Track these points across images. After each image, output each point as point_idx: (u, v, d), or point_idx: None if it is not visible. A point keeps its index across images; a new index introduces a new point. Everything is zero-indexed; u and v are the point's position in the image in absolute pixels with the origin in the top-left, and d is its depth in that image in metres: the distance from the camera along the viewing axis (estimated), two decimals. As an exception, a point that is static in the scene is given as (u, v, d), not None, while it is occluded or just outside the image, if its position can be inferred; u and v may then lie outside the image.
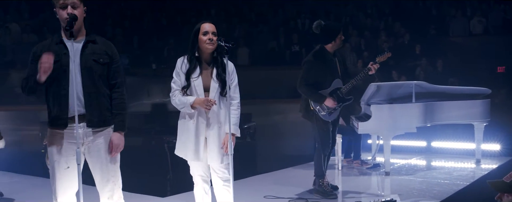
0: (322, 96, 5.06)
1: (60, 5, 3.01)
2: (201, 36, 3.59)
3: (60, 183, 3.12)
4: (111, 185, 3.21)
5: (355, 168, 6.97)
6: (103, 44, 3.20)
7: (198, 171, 3.77)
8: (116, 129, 3.20)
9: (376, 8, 14.83)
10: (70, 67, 3.04)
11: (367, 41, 12.77)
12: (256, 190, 5.60)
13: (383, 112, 6.38)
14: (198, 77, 3.61)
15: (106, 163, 3.18)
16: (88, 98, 3.09)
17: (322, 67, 5.11)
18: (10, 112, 8.94)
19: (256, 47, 13.39)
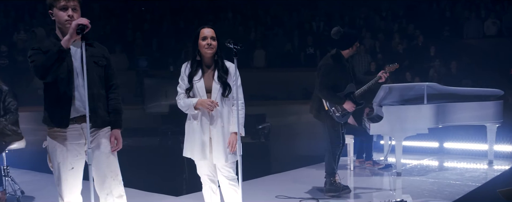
0: (341, 99, 5.12)
1: (60, 7, 2.98)
2: (200, 41, 3.64)
3: (66, 184, 3.11)
4: (110, 181, 3.18)
5: (367, 169, 6.88)
6: (99, 47, 3.23)
7: (204, 170, 3.78)
8: (115, 126, 3.22)
9: (390, 11, 14.67)
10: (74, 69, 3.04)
11: (381, 43, 12.64)
12: (268, 190, 5.56)
13: (394, 113, 6.28)
14: (200, 80, 3.66)
15: (106, 160, 3.17)
16: (91, 99, 3.05)
17: (339, 71, 5.17)
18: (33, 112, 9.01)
19: (272, 49, 13.36)
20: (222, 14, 14.83)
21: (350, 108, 5.12)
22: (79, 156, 3.13)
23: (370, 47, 12.47)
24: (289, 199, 5.18)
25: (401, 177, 6.24)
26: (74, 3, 3.02)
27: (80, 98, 3.05)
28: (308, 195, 5.34)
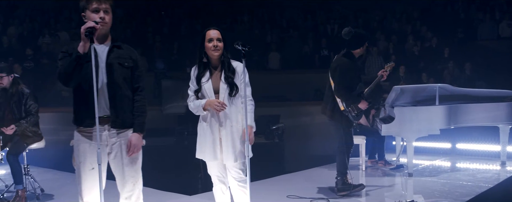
0: (358, 99, 5.09)
1: (92, 9, 2.98)
2: (206, 43, 3.61)
3: (85, 183, 3.09)
4: (130, 186, 3.17)
5: (379, 169, 6.78)
6: (127, 49, 3.19)
7: (214, 171, 3.76)
8: (135, 130, 3.14)
9: (404, 13, 14.49)
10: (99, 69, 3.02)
11: (395, 45, 12.47)
12: (280, 190, 5.51)
13: (406, 114, 6.16)
14: (208, 81, 3.63)
15: (127, 163, 3.13)
16: (113, 100, 3.06)
17: (354, 72, 5.15)
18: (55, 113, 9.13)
19: (287, 51, 13.28)
20: (238, 17, 14.81)
21: (365, 107, 5.09)
22: (101, 157, 3.03)
23: (384, 49, 12.31)
24: (300, 199, 5.13)
25: (412, 178, 6.12)
26: (106, 5, 3.01)
27: (105, 99, 3.05)
28: (319, 195, 5.28)
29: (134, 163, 3.17)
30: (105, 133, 3.08)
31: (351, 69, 5.11)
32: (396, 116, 6.12)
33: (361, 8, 15.18)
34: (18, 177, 5.03)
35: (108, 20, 3.03)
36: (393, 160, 7.05)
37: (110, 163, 3.16)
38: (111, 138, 3.10)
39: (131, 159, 3.13)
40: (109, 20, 3.03)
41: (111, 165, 3.16)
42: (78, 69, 2.93)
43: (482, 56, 11.73)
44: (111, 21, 3.09)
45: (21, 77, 5.54)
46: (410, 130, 6.13)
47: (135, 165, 3.18)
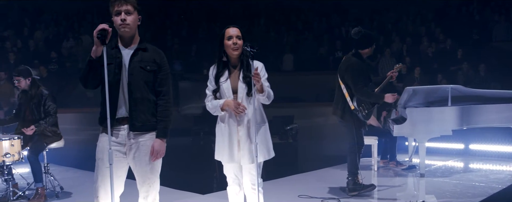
0: (381, 95, 5.02)
1: (115, 13, 2.93)
2: (226, 41, 3.44)
3: (101, 181, 3.04)
4: (147, 187, 3.12)
5: (391, 169, 6.67)
6: (153, 52, 3.07)
7: (230, 172, 3.63)
8: (158, 136, 3.06)
9: (419, 16, 14.28)
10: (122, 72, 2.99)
11: (409, 47, 12.30)
12: (292, 189, 5.46)
13: (418, 115, 6.05)
14: (227, 81, 3.47)
15: (145, 166, 3.06)
16: (133, 103, 3.00)
17: (364, 70, 5.07)
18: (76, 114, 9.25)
19: (302, 53, 13.21)
20: (255, 20, 14.80)
21: (392, 100, 5.02)
22: (119, 155, 3.03)
23: (398, 51, 12.15)
24: (311, 199, 5.06)
25: (424, 178, 6.00)
26: (127, 7, 2.92)
27: (124, 101, 3.00)
28: (331, 195, 5.20)
29: (152, 166, 3.10)
30: (124, 132, 3.03)
31: (363, 68, 5.03)
32: (408, 117, 6.02)
33: (376, 10, 15.02)
34: (38, 175, 5.07)
35: (130, 21, 2.94)
36: (405, 160, 6.93)
37: (129, 163, 3.11)
38: (129, 139, 3.04)
39: (149, 162, 3.07)
40: (131, 21, 2.94)
41: (130, 165, 3.12)
42: (92, 73, 2.91)
43: (497, 58, 11.47)
44: (137, 23, 3.01)
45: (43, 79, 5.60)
46: (422, 130, 6.02)
47: (153, 167, 3.10)
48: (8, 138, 4.91)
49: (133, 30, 3.00)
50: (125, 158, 3.08)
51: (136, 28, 3.03)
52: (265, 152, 3.54)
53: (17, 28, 13.40)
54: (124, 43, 3.03)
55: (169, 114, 3.13)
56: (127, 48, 3.02)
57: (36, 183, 5.08)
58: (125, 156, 3.07)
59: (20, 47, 12.41)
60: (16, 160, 4.95)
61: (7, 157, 4.84)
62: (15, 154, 4.92)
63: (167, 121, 3.10)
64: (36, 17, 14.56)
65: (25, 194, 5.20)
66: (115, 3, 2.93)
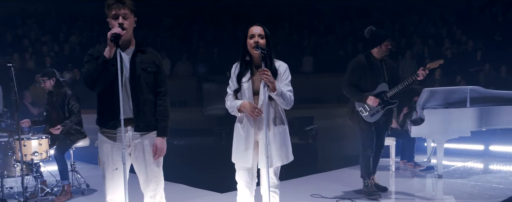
0: (363, 96, 4.78)
1: (112, 16, 2.90)
2: (248, 40, 3.23)
3: (109, 183, 3.03)
4: (154, 186, 3.09)
5: (409, 170, 6.49)
6: (151, 54, 3.06)
7: (243, 177, 3.42)
8: (159, 134, 3.05)
9: (440, 18, 13.93)
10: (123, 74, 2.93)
11: (431, 48, 12.00)
12: (306, 189, 5.36)
13: (435, 116, 5.86)
14: (249, 81, 3.26)
15: (150, 165, 3.04)
16: (136, 104, 2.98)
17: (365, 71, 4.79)
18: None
19: (324, 55, 13.06)
20: (279, 23, 14.73)
21: (373, 103, 4.72)
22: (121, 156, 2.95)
23: (418, 52, 11.87)
24: (323, 199, 4.95)
25: (442, 179, 5.82)
26: (125, 11, 2.90)
27: (128, 102, 2.97)
28: (344, 195, 5.08)
29: (157, 164, 3.09)
30: (128, 134, 3.01)
31: (359, 67, 4.78)
32: (426, 118, 5.85)
33: (397, 13, 14.74)
34: (64, 173, 5.14)
35: (127, 25, 2.90)
36: (424, 161, 6.74)
37: (133, 163, 3.08)
38: (134, 140, 3.02)
39: (153, 161, 3.05)
40: (128, 25, 2.91)
41: (134, 165, 3.09)
42: (104, 74, 2.88)
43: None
44: (133, 26, 2.99)
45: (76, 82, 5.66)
46: (440, 131, 5.84)
47: (158, 166, 3.10)
48: (36, 137, 4.99)
49: (130, 33, 2.98)
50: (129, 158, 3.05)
51: (132, 30, 3.00)
52: (283, 156, 3.34)
53: (54, 33, 13.71)
54: (122, 46, 2.97)
55: (168, 113, 3.11)
56: (125, 50, 2.99)
57: (62, 180, 5.15)
58: (129, 157, 3.04)
59: (57, 51, 12.68)
60: (44, 158, 5.02)
61: (35, 156, 4.92)
62: (43, 153, 4.99)
63: (167, 120, 3.09)
64: (71, 23, 14.87)
65: (53, 191, 5.27)
66: (113, 6, 2.89)
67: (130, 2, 2.95)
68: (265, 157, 3.20)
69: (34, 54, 12.30)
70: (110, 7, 2.92)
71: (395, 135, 6.43)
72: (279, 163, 3.35)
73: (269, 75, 3.07)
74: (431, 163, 6.59)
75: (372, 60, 4.81)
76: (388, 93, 4.83)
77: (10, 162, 4.95)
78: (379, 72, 4.83)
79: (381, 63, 4.86)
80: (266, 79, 3.07)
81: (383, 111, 4.85)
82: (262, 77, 3.07)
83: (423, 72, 4.68)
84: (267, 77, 3.06)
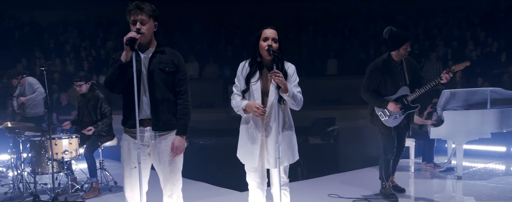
0: (384, 101, 4.52)
1: (131, 21, 2.93)
2: (261, 42, 3.16)
3: (128, 181, 3.04)
4: (170, 185, 3.08)
5: (428, 171, 6.27)
6: (170, 54, 3.04)
7: (253, 177, 3.33)
8: (178, 133, 3.03)
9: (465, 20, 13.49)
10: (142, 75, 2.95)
11: (454, 51, 11.62)
12: (324, 188, 5.25)
13: (455, 118, 5.65)
14: (257, 82, 3.18)
15: (167, 165, 3.03)
16: (154, 103, 2.96)
17: (384, 74, 4.52)
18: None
19: (348, 58, 12.86)
20: (304, 27, 14.61)
21: (394, 109, 4.47)
22: (144, 156, 2.99)
23: (443, 55, 11.52)
24: (340, 199, 4.84)
25: (461, 181, 5.59)
26: (142, 16, 2.90)
27: (146, 102, 2.96)
28: (361, 195, 4.95)
29: (174, 165, 3.06)
30: (147, 134, 3.00)
31: (378, 71, 4.50)
32: (445, 119, 5.64)
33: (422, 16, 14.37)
34: (92, 171, 5.21)
35: (145, 30, 2.91)
36: (444, 162, 6.51)
37: (152, 162, 3.08)
38: (152, 140, 3.01)
39: (171, 161, 3.03)
40: (146, 30, 2.92)
41: (153, 164, 3.08)
42: (121, 77, 2.89)
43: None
44: (152, 29, 2.99)
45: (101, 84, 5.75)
46: (459, 133, 5.62)
47: (175, 166, 3.07)
48: (67, 137, 5.08)
49: (148, 36, 2.98)
50: (148, 158, 3.04)
51: (152, 34, 3.01)
52: (290, 155, 3.28)
53: (92, 39, 14.03)
54: (142, 48, 3.00)
55: (189, 112, 3.07)
56: (145, 52, 2.99)
57: (91, 177, 5.22)
58: (148, 156, 3.04)
59: (94, 56, 12.97)
60: (74, 156, 5.11)
61: (65, 154, 5.01)
62: (73, 151, 5.08)
63: (186, 118, 3.06)
64: (107, 29, 15.19)
65: (82, 188, 5.36)
66: (131, 12, 2.91)
67: (148, 8, 2.94)
68: (277, 157, 3.11)
69: (74, 59, 12.62)
70: (129, 13, 2.94)
71: (415, 136, 6.23)
72: (286, 163, 3.30)
73: (281, 77, 2.99)
74: (451, 164, 6.35)
75: (391, 63, 4.53)
76: (409, 97, 4.56)
77: (43, 160, 5.06)
78: (400, 75, 4.56)
79: (401, 65, 4.58)
80: (278, 81, 2.99)
81: (404, 116, 4.61)
82: (274, 79, 2.99)
83: (447, 75, 4.37)
84: (279, 79, 2.98)
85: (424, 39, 12.83)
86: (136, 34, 2.86)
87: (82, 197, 5.06)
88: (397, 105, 4.48)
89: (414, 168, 6.26)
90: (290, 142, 3.29)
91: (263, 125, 3.21)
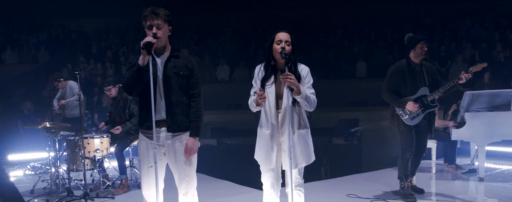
0: (403, 101, 4.49)
1: (147, 26, 2.93)
2: (275, 45, 3.10)
3: (145, 180, 3.04)
4: (185, 184, 3.06)
5: (450, 172, 6.02)
6: (184, 58, 3.04)
7: (268, 178, 3.28)
8: (191, 134, 3.01)
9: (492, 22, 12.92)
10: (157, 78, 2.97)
11: (482, 52, 11.14)
12: (344, 188, 5.13)
13: (477, 119, 5.37)
14: (272, 85, 3.13)
15: (182, 164, 3.02)
16: (169, 106, 2.97)
17: (404, 76, 4.52)
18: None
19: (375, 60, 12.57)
20: (332, 31, 14.41)
21: (412, 108, 4.44)
22: (159, 155, 3.00)
23: (470, 57, 11.07)
24: (358, 199, 4.71)
25: (483, 183, 5.32)
26: (158, 21, 2.90)
27: (162, 105, 2.97)
28: (380, 196, 4.80)
29: (189, 164, 3.05)
30: (163, 134, 3.01)
31: (397, 72, 4.52)
32: (468, 121, 5.39)
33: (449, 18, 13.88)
34: (122, 168, 5.30)
35: (161, 34, 2.91)
36: (467, 163, 6.22)
37: (168, 162, 3.08)
38: (167, 140, 3.02)
39: (185, 160, 3.02)
40: (161, 35, 2.92)
41: (169, 163, 3.09)
42: (139, 80, 2.90)
43: None
44: (167, 34, 2.99)
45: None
46: (481, 135, 5.34)
47: (190, 165, 3.06)
48: (98, 136, 5.19)
49: (164, 41, 2.99)
50: (164, 157, 3.05)
51: (166, 38, 3.01)
52: (307, 156, 3.21)
53: (131, 45, 14.34)
54: (157, 52, 3.01)
55: (201, 114, 3.05)
56: (160, 56, 3.00)
57: (121, 175, 5.31)
58: (163, 156, 3.05)
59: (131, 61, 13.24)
60: (105, 155, 5.21)
61: (97, 152, 5.12)
62: (104, 150, 5.18)
63: (199, 121, 3.04)
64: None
65: (114, 184, 5.46)
66: (148, 17, 2.91)
67: (163, 13, 2.95)
68: (288, 158, 3.05)
69: (114, 63, 12.94)
70: (145, 18, 2.95)
71: (437, 137, 5.99)
72: (304, 164, 3.22)
73: (293, 79, 2.94)
74: (474, 165, 6.07)
75: (411, 65, 4.53)
76: (429, 97, 4.53)
77: (77, 158, 5.18)
78: (419, 76, 4.55)
79: (420, 68, 4.56)
80: (289, 83, 2.94)
81: (423, 114, 4.55)
82: (286, 81, 2.94)
83: (466, 75, 4.34)
84: (291, 81, 2.93)
85: (451, 41, 12.37)
86: (153, 38, 2.87)
87: (112, 193, 5.14)
88: (415, 105, 4.46)
89: (436, 169, 6.02)
90: (305, 143, 3.22)
91: (279, 127, 3.15)
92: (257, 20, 15.79)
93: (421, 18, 14.47)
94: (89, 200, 4.76)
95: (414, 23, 14.06)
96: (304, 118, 3.24)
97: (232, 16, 15.63)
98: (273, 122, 3.15)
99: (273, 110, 3.16)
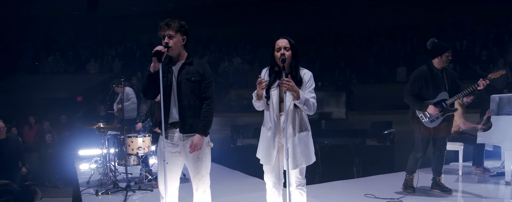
0: (424, 105, 4.38)
1: (161, 36, 2.96)
2: (275, 53, 3.04)
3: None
4: (197, 181, 3.06)
5: (477, 175, 5.49)
6: (197, 65, 3.03)
7: (270, 178, 3.22)
8: (198, 132, 3.00)
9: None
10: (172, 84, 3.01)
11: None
12: (363, 188, 4.85)
13: (504, 123, 4.87)
14: (276, 89, 3.05)
15: (194, 162, 3.02)
16: (181, 109, 2.99)
17: (426, 80, 4.43)
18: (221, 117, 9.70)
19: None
20: (374, 39, 13.84)
21: (433, 112, 4.34)
22: (174, 154, 3.04)
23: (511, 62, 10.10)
24: (375, 199, 4.43)
25: (510, 186, 4.80)
26: (169, 32, 2.91)
27: (175, 108, 3.01)
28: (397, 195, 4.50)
29: (199, 163, 3.03)
30: (176, 135, 3.03)
31: (421, 77, 4.43)
32: (493, 124, 4.92)
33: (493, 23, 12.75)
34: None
35: (172, 44, 2.92)
36: (497, 166, 5.64)
37: (183, 160, 3.09)
38: (181, 141, 3.03)
39: (197, 159, 3.01)
40: (173, 44, 2.92)
41: (184, 162, 3.10)
42: (152, 85, 2.95)
43: None
44: (181, 43, 2.99)
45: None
46: (508, 138, 4.83)
47: (200, 164, 3.04)
48: (141, 135, 5.37)
49: (177, 50, 2.99)
50: (179, 156, 3.06)
51: (180, 47, 3.01)
52: (306, 157, 3.09)
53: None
54: (173, 60, 3.04)
55: (209, 114, 3.02)
56: (176, 64, 3.02)
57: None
58: (179, 155, 3.06)
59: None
60: (146, 152, 5.37)
61: (139, 150, 5.30)
62: (145, 148, 5.35)
63: (207, 121, 3.01)
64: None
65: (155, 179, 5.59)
66: (161, 28, 2.95)
67: (175, 25, 2.96)
68: (292, 159, 3.02)
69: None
70: (160, 29, 2.99)
71: (464, 140, 5.51)
72: (304, 164, 3.11)
73: (291, 85, 2.86)
74: (504, 169, 5.47)
75: (433, 70, 4.47)
76: (448, 101, 4.40)
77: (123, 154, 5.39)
78: (440, 81, 4.46)
79: (442, 73, 4.47)
80: (286, 88, 2.87)
81: (443, 118, 4.41)
82: (283, 87, 2.87)
83: (483, 82, 4.25)
84: (287, 86, 2.86)
85: (493, 45, 11.37)
86: (163, 47, 2.90)
87: (153, 186, 5.28)
88: (436, 108, 4.35)
89: (463, 172, 5.53)
90: (305, 145, 3.11)
91: (280, 128, 3.08)
92: (305, 29, 15.57)
93: (464, 23, 13.45)
94: (131, 191, 4.92)
95: (458, 29, 13.11)
96: (305, 120, 3.14)
97: (282, 27, 15.56)
98: (275, 123, 3.08)
99: (276, 112, 3.08)
